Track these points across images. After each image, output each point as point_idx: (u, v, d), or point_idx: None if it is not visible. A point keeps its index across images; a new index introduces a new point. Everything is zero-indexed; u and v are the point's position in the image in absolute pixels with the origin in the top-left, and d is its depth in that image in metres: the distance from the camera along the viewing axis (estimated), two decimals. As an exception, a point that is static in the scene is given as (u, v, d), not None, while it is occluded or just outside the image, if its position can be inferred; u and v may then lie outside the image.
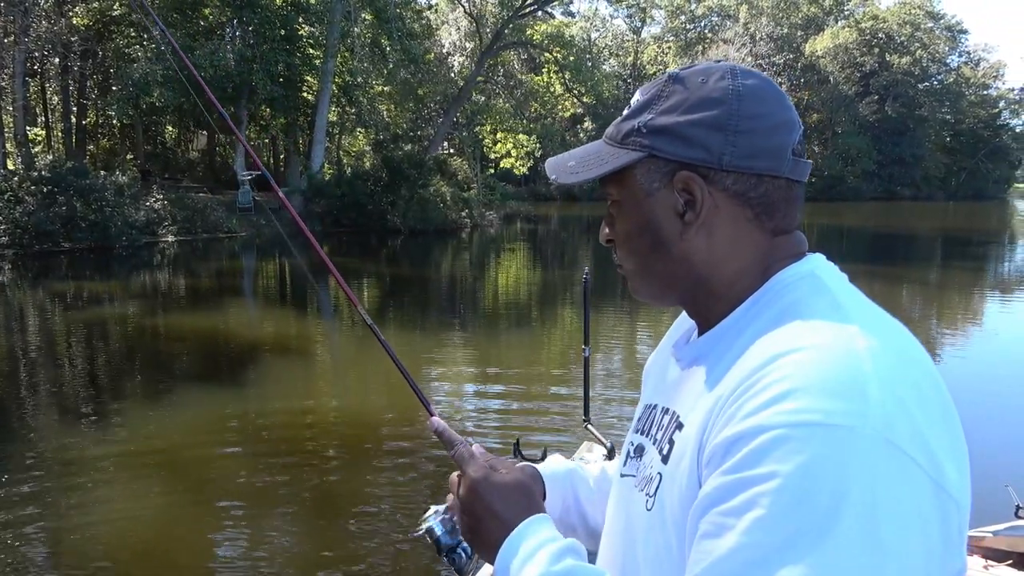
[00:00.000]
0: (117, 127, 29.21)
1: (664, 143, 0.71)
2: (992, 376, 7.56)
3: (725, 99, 0.69)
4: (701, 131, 0.69)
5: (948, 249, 21.74)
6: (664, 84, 0.74)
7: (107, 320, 10.51)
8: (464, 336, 9.88)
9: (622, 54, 53.31)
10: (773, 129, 0.70)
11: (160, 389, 6.98)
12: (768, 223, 0.71)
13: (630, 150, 0.73)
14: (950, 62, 57.01)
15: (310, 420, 6.20)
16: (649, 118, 0.72)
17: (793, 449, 0.54)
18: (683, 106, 0.70)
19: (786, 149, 0.70)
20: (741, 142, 0.68)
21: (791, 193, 0.72)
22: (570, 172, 0.77)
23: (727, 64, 0.73)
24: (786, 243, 0.72)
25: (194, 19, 23.06)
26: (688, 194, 0.70)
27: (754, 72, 0.73)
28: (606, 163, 0.74)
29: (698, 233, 0.71)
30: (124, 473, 5.02)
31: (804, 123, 0.75)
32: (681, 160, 0.70)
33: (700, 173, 0.70)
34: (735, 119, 0.68)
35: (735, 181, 0.69)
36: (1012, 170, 65.89)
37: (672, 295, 0.76)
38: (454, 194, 24.86)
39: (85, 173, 18.25)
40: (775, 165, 0.69)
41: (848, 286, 0.70)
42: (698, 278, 0.73)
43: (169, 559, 4.04)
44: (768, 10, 52.00)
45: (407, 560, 4.00)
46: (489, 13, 33.05)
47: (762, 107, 0.70)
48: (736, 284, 0.72)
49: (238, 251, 19.09)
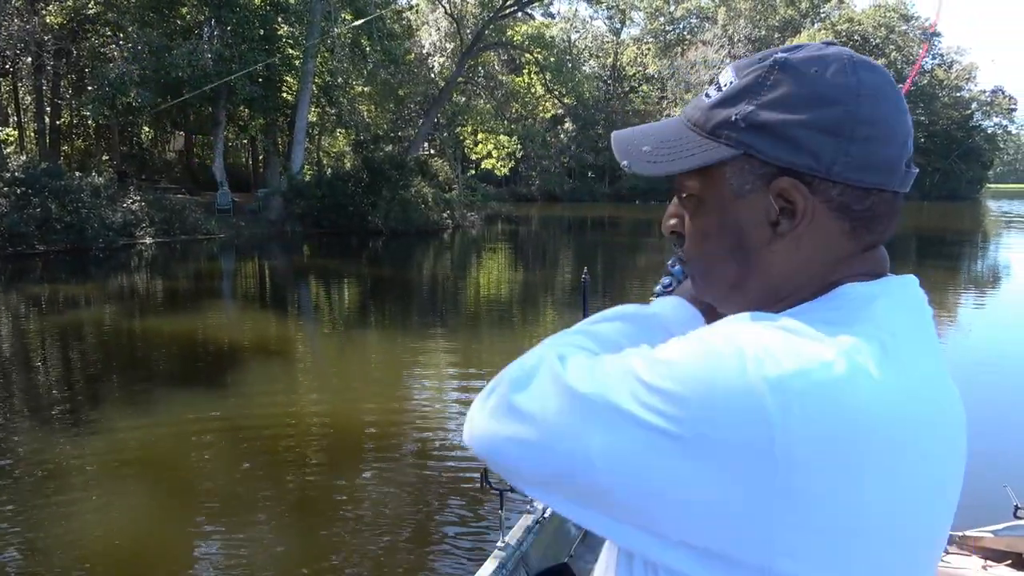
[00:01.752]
0: (92, 127, 28.76)
1: (766, 144, 0.61)
2: (983, 375, 7.52)
3: (842, 98, 0.60)
4: (812, 134, 0.59)
5: (923, 248, 22.08)
6: (768, 70, 0.62)
7: (84, 323, 10.36)
8: (452, 337, 9.86)
9: (602, 55, 53.51)
10: (890, 138, 0.61)
11: (138, 393, 6.89)
12: (866, 237, 0.63)
13: (722, 144, 0.63)
14: (924, 64, 57.92)
15: (291, 423, 6.15)
16: (749, 110, 0.62)
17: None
18: (792, 100, 0.60)
19: (901, 161, 0.62)
20: (856, 151, 0.59)
21: (895, 206, 0.64)
22: (647, 160, 0.67)
23: (844, 51, 0.62)
24: (870, 258, 0.65)
25: (171, 18, 22.79)
26: (786, 202, 0.61)
27: (873, 65, 0.63)
28: (692, 155, 0.64)
29: (788, 244, 0.63)
30: (101, 479, 4.95)
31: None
32: (784, 165, 0.61)
33: (804, 181, 0.61)
34: (851, 123, 0.59)
35: (841, 192, 0.61)
36: (984, 171, 67.11)
37: (740, 300, 0.68)
38: (435, 195, 24.82)
39: (60, 174, 17.97)
40: (887, 179, 0.61)
41: (903, 323, 0.60)
42: (771, 287, 0.65)
43: (148, 566, 3.99)
44: (746, 12, 52.53)
45: (391, 563, 3.99)
46: (469, 14, 33.04)
47: (881, 111, 0.61)
48: (802, 292, 0.64)
49: (217, 253, 18.91)
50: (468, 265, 18.68)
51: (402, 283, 14.95)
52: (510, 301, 13.27)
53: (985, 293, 14.01)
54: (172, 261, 17.15)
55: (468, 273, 17.10)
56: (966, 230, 30.43)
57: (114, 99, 20.29)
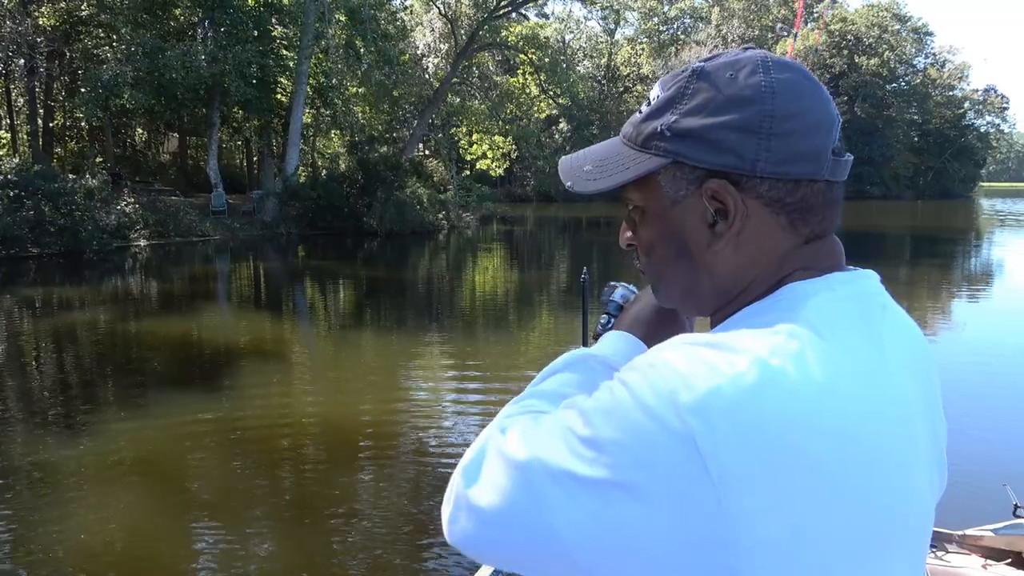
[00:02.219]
0: (85, 129, 28.68)
1: (690, 149, 0.64)
2: (982, 375, 7.53)
3: (757, 97, 0.62)
4: (732, 135, 0.62)
5: (917, 247, 22.18)
6: (688, 79, 0.65)
7: (78, 327, 10.33)
8: (447, 337, 9.86)
9: (596, 55, 53.59)
10: (812, 129, 0.62)
11: (133, 395, 6.88)
12: (803, 229, 0.65)
13: (652, 155, 0.66)
14: (917, 64, 58.25)
15: (287, 424, 6.14)
16: (672, 120, 0.65)
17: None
18: (711, 106, 0.63)
19: (826, 150, 0.63)
20: (777, 146, 0.61)
21: (831, 195, 0.65)
22: (587, 179, 0.71)
23: (758, 54, 0.65)
24: (813, 252, 0.66)
25: (164, 20, 22.74)
26: (719, 203, 0.64)
27: (788, 63, 0.65)
28: (627, 169, 0.67)
29: (728, 243, 0.65)
30: (97, 481, 4.94)
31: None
32: (710, 167, 0.63)
33: (732, 180, 0.63)
34: (769, 120, 0.61)
35: (770, 188, 0.63)
36: (977, 169, 67.46)
37: (694, 304, 0.72)
38: (431, 196, 24.83)
39: (53, 177, 17.91)
40: (814, 169, 0.63)
41: (839, 317, 0.61)
42: (721, 287, 0.68)
43: (145, 568, 3.98)
44: (739, 12, 52.67)
45: (386, 564, 3.99)
46: (464, 15, 33.05)
47: (799, 104, 0.62)
48: (754, 291, 0.66)
49: (212, 255, 18.86)
50: (463, 266, 18.68)
51: (397, 284, 14.94)
52: (505, 302, 13.27)
53: (979, 291, 14.07)
54: (167, 263, 17.10)
55: (463, 274, 17.10)
56: (959, 228, 30.55)
57: (107, 101, 20.24)
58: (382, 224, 21.83)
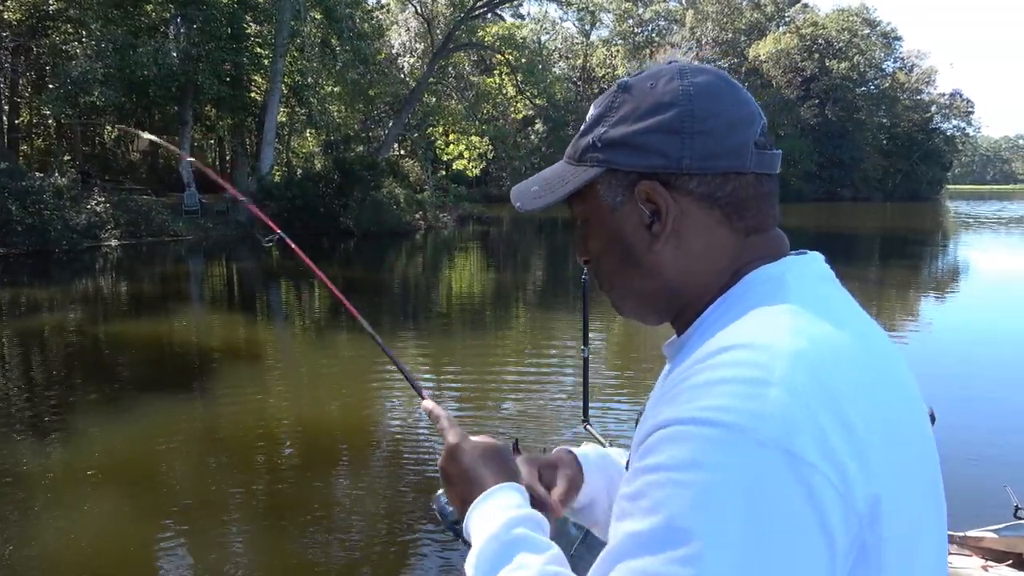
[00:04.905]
0: (53, 127, 28.11)
1: (620, 155, 0.69)
2: (983, 371, 7.57)
3: (676, 101, 0.67)
4: (655, 137, 0.67)
5: (886, 248, 22.61)
6: (615, 94, 0.71)
7: (47, 328, 10.13)
8: (424, 338, 9.85)
9: (572, 57, 53.81)
10: (731, 125, 0.67)
11: (105, 399, 6.75)
12: (739, 223, 0.68)
13: (589, 166, 0.71)
14: (886, 68, 59.34)
15: (260, 428, 6.06)
16: (603, 131, 0.70)
17: (678, 442, 0.54)
18: (635, 114, 0.68)
19: (748, 143, 0.67)
20: (699, 143, 0.66)
21: (762, 189, 0.69)
22: (534, 197, 0.76)
23: (676, 65, 0.70)
24: (760, 243, 0.69)
25: (136, 16, 22.37)
26: (652, 204, 0.68)
27: (705, 68, 0.70)
28: (567, 183, 0.72)
29: (667, 243, 0.68)
30: (69, 488, 4.84)
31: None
32: (640, 170, 0.68)
33: (661, 180, 0.67)
34: (689, 120, 0.66)
35: (699, 184, 0.67)
36: (944, 172, 68.89)
37: (650, 310, 0.74)
38: (408, 196, 24.74)
39: (21, 174, 17.54)
40: (738, 162, 0.67)
41: (817, 290, 0.66)
42: (671, 289, 0.70)
43: (118, 574, 3.93)
44: (713, 15, 53.27)
45: (362, 566, 3.98)
46: (440, 14, 32.98)
47: (717, 104, 0.67)
48: (709, 289, 0.69)
49: (185, 255, 18.61)
50: (440, 266, 18.64)
51: (374, 284, 14.87)
52: (483, 302, 13.28)
53: (951, 290, 14.39)
54: (138, 264, 16.83)
55: (440, 274, 17.08)
56: (927, 230, 31.17)
57: (76, 98, 19.86)
58: (359, 224, 21.70)
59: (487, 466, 0.79)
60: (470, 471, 0.79)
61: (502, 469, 0.80)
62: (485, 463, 0.79)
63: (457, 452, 0.81)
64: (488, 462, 0.80)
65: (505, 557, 0.68)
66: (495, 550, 0.69)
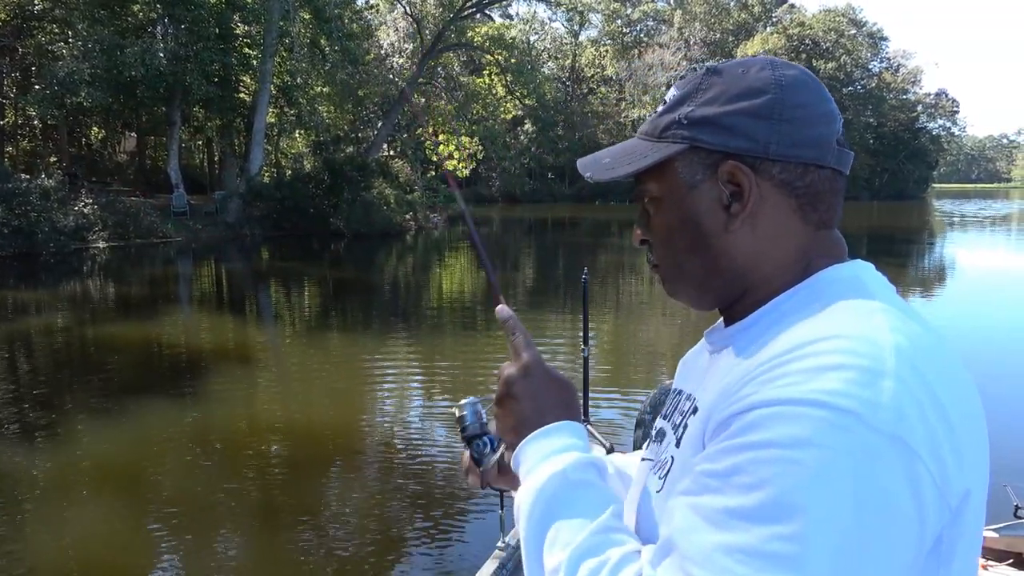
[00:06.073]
0: (39, 128, 27.87)
1: (707, 133, 0.68)
2: (982, 372, 7.42)
3: (768, 88, 0.68)
4: (745, 120, 0.67)
5: (874, 246, 22.77)
6: (703, 77, 0.71)
7: (35, 331, 10.06)
8: (415, 339, 9.84)
9: (560, 57, 53.90)
10: (817, 118, 0.68)
11: (93, 402, 6.72)
12: (812, 215, 0.69)
13: (670, 143, 0.70)
14: (872, 68, 59.73)
15: (251, 429, 6.06)
16: (689, 110, 0.70)
17: (790, 421, 0.54)
18: (724, 96, 0.69)
19: (831, 138, 0.69)
20: (787, 130, 0.67)
21: (836, 184, 0.70)
22: (606, 168, 0.75)
23: (765, 57, 0.71)
24: (827, 239, 0.70)
25: (123, 16, 22.23)
26: (734, 185, 0.68)
27: (793, 64, 0.72)
28: (645, 157, 0.72)
29: (743, 225, 0.69)
30: (58, 490, 4.81)
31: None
32: (726, 150, 0.68)
33: (746, 163, 0.67)
34: (779, 108, 0.67)
35: (782, 170, 0.67)
36: (930, 171, 69.48)
37: (710, 295, 0.74)
38: (398, 196, 24.70)
39: (7, 176, 17.41)
40: (821, 154, 0.68)
41: (893, 295, 0.67)
42: (738, 272, 0.70)
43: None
44: (701, 16, 53.50)
45: (354, 568, 3.97)
46: (429, 15, 32.96)
47: (805, 97, 0.68)
48: (776, 278, 0.69)
49: (174, 257, 18.51)
50: (431, 266, 18.63)
51: (364, 285, 14.85)
52: (473, 302, 13.28)
53: (934, 290, 14.52)
54: (127, 265, 16.73)
55: (431, 275, 17.07)
56: (914, 228, 31.42)
57: (63, 98, 19.71)
58: (348, 225, 21.65)
59: (561, 399, 0.76)
60: (540, 395, 0.75)
61: (572, 406, 0.77)
62: (560, 391, 0.76)
63: (534, 369, 0.76)
64: (563, 392, 0.77)
65: (568, 501, 0.67)
66: (560, 489, 0.68)
